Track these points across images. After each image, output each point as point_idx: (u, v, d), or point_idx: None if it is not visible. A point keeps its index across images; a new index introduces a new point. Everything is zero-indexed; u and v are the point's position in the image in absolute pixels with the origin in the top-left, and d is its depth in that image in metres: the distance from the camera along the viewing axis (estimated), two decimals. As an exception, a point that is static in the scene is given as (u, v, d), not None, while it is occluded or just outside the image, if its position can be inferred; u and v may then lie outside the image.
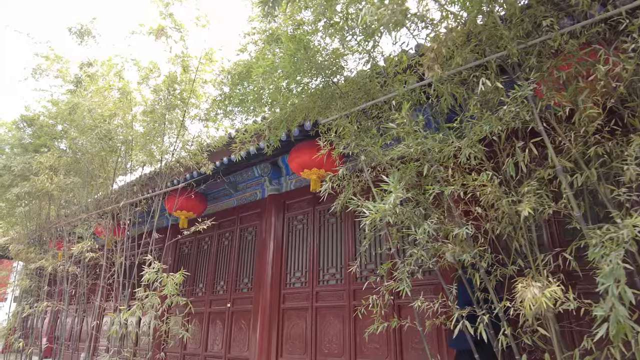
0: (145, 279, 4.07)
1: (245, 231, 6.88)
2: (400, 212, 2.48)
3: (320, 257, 5.60)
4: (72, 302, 6.78)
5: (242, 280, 6.54)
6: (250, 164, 6.21)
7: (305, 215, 6.04)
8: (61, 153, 6.48)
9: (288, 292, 5.76)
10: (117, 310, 5.27)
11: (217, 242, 7.29)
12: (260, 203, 6.68)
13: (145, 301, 4.21)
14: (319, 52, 3.40)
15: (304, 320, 5.41)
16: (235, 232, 7.01)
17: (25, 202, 6.59)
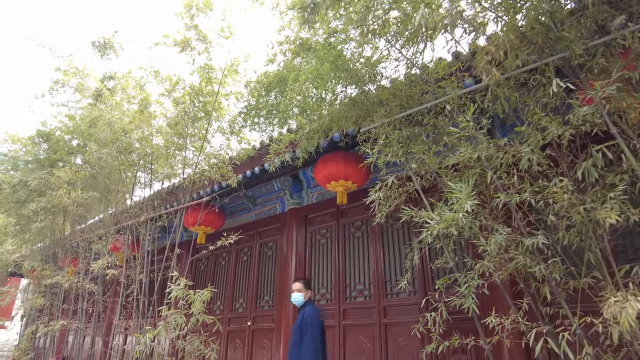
0: (172, 296, 3.90)
1: (265, 246, 6.70)
2: (462, 223, 2.33)
3: (346, 272, 5.41)
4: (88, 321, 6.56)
5: (263, 298, 6.33)
6: (275, 177, 6.08)
7: (328, 229, 5.87)
8: (78, 168, 6.37)
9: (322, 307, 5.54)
10: (139, 329, 5.08)
11: (235, 257, 7.11)
12: (281, 217, 6.52)
13: (170, 320, 4.03)
14: (355, 60, 3.31)
15: (330, 339, 5.19)
16: (254, 247, 6.83)
17: (41, 217, 6.46)
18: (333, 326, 5.24)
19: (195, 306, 3.81)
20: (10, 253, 10.37)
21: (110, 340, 5.57)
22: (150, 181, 5.71)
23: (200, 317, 4.19)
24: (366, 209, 5.49)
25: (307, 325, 3.73)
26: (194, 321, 4.25)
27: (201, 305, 3.85)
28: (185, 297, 3.90)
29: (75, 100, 6.59)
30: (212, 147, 5.43)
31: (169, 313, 4.13)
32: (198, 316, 4.19)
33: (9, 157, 7.86)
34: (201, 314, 4.21)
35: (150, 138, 5.53)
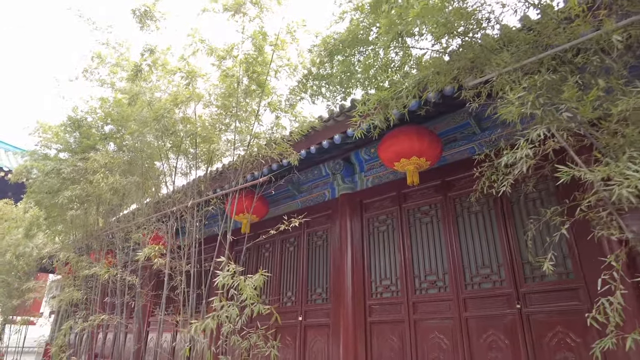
0: (219, 283, 3.41)
1: (313, 235, 6.19)
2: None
3: (413, 262, 4.86)
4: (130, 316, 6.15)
5: (315, 291, 5.82)
6: (325, 159, 5.57)
7: (389, 215, 5.32)
8: (114, 153, 5.95)
9: (375, 304, 5.01)
10: (186, 325, 4.61)
11: (280, 248, 6.62)
12: (331, 204, 6.00)
13: (221, 312, 3.54)
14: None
15: (399, 336, 4.65)
16: (301, 237, 6.32)
17: (76, 205, 6.05)
18: (400, 321, 4.70)
19: (246, 292, 3.31)
20: (40, 248, 10.08)
21: (159, 336, 5.11)
22: (196, 164, 5.24)
23: (254, 307, 3.69)
24: (435, 191, 4.94)
25: None
26: (248, 313, 3.76)
27: (252, 292, 3.35)
28: (236, 284, 3.40)
29: (110, 81, 6.16)
30: (263, 125, 4.92)
31: (221, 304, 3.65)
32: (252, 306, 3.69)
33: (40, 145, 7.49)
34: (255, 303, 3.72)
35: (195, 117, 5.06)
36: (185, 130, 5.19)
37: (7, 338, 10.39)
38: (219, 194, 4.93)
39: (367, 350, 4.84)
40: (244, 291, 3.30)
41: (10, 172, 14.61)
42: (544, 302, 3.79)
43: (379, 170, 5.56)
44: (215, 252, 4.55)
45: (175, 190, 5.23)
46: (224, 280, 3.36)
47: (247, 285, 3.30)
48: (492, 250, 4.32)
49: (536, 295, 3.87)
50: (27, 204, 7.73)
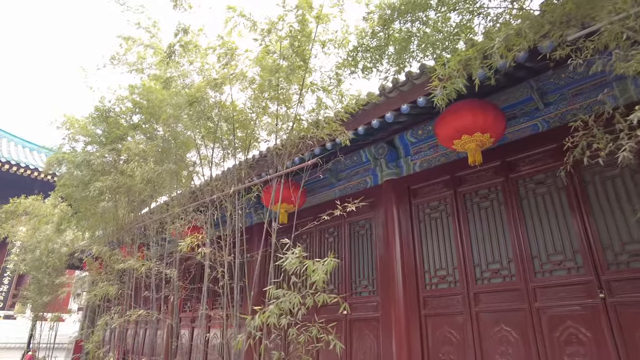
0: (287, 266, 3.12)
1: (355, 225, 5.86)
2: None
3: (472, 250, 4.49)
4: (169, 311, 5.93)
5: (360, 283, 5.49)
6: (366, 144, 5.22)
7: (441, 200, 4.95)
8: (147, 140, 5.71)
9: (430, 295, 4.66)
10: (232, 319, 4.35)
11: (318, 239, 6.31)
12: (373, 191, 5.65)
13: (282, 301, 3.25)
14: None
15: (458, 330, 4.30)
16: (341, 227, 6.00)
17: (108, 196, 5.85)
18: (460, 313, 4.34)
19: (316, 276, 3.01)
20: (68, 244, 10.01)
21: (204, 331, 4.85)
22: (233, 150, 4.96)
23: (318, 297, 3.40)
24: (494, 173, 4.55)
25: None
26: (310, 303, 3.47)
27: (323, 277, 3.04)
28: (304, 268, 3.11)
29: (139, 67, 5.93)
30: (304, 107, 4.60)
31: (280, 293, 3.36)
32: (315, 297, 3.40)
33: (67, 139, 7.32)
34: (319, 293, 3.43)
35: (232, 100, 4.77)
36: (221, 114, 4.91)
37: (39, 334, 10.37)
38: (262, 179, 4.65)
39: (423, 345, 4.50)
40: (314, 275, 2.98)
41: (37, 170, 14.70)
42: (633, 292, 3.39)
43: (428, 153, 5.19)
44: (252, 243, 4.28)
45: (214, 178, 4.96)
46: (291, 264, 3.06)
47: (317, 269, 2.98)
48: (564, 234, 3.92)
49: (623, 284, 3.47)
50: (56, 199, 7.61)
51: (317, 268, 3.04)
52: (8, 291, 15.04)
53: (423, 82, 3.98)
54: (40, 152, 17.55)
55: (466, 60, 2.59)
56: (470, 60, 2.59)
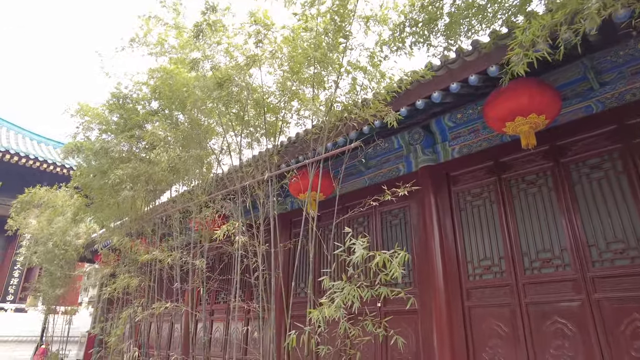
0: (357, 258, 2.91)
1: (387, 214, 5.62)
2: None
3: (520, 238, 4.25)
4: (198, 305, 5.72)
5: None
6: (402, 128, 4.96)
7: (484, 187, 4.71)
8: (171, 126, 5.47)
9: (473, 287, 4.44)
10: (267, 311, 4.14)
11: (333, 231, 6.07)
12: (407, 179, 5.33)
13: (344, 293, 3.04)
14: None
15: (507, 322, 4.07)
16: (372, 217, 5.77)
17: (129, 185, 5.62)
18: (507, 305, 4.12)
19: (394, 271, 2.81)
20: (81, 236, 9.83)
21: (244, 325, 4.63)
22: (265, 135, 4.71)
23: (379, 290, 3.20)
24: (543, 158, 4.31)
25: None
26: (367, 296, 3.26)
27: (399, 270, 2.84)
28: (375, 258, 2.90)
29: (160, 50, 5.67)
30: (340, 88, 4.35)
31: (339, 285, 3.16)
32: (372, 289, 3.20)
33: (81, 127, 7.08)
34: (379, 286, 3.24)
35: (262, 82, 4.52)
36: (251, 97, 4.67)
37: (52, 328, 10.22)
38: (299, 164, 4.41)
39: (467, 339, 4.28)
40: (390, 267, 2.78)
41: (46, 161, 14.50)
42: None
43: (468, 138, 4.94)
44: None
45: (244, 164, 4.72)
46: (358, 254, 2.85)
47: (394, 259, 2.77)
48: (625, 221, 3.67)
49: (696, 273, 3.23)
50: (71, 189, 7.40)
51: (394, 261, 2.83)
52: (19, 284, 14.92)
53: (475, 59, 3.74)
54: (48, 145, 17.37)
55: (551, 25, 2.33)
56: (555, 25, 2.32)
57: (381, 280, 3.14)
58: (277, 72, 4.49)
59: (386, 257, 2.99)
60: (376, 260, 3.00)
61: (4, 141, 14.86)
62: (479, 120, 4.85)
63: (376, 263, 3.08)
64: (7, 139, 15.51)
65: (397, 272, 2.84)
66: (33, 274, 15.33)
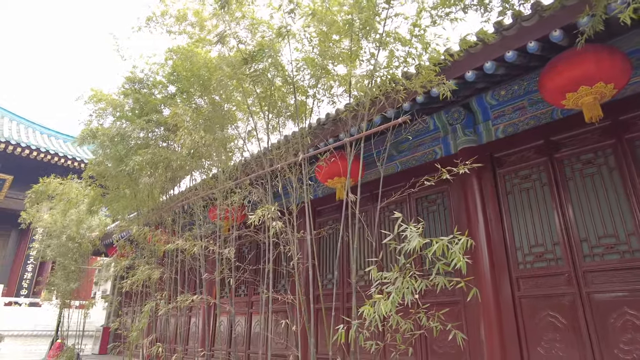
0: (412, 247, 2.60)
1: (424, 200, 5.29)
2: None
3: (578, 222, 3.89)
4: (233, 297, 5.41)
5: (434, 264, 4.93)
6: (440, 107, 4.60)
7: (534, 168, 4.35)
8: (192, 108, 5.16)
9: (525, 275, 4.10)
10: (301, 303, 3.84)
11: (378, 217, 5.75)
12: (445, 162, 5.01)
13: (397, 285, 2.74)
14: None
15: (564, 314, 3.73)
16: (406, 204, 5.43)
17: (149, 172, 5.33)
18: (565, 294, 3.78)
19: (455, 256, 2.49)
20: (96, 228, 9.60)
21: (267, 317, 4.32)
22: (294, 116, 4.39)
23: (437, 279, 2.89)
24: (602, 135, 3.95)
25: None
26: (421, 287, 2.94)
27: (463, 258, 2.53)
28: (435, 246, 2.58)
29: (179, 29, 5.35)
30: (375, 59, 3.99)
31: (391, 276, 2.85)
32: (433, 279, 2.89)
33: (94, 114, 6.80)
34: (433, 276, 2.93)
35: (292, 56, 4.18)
36: (280, 75, 4.34)
37: (67, 322, 10.05)
38: (338, 143, 4.09)
39: (520, 331, 3.95)
40: (450, 256, 2.47)
41: (57, 154, 14.32)
42: None
43: (513, 116, 4.58)
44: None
45: (273, 146, 4.40)
46: (415, 243, 2.54)
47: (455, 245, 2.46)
48: None
49: None
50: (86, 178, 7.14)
51: (453, 249, 2.51)
52: (32, 278, 14.83)
53: (534, 24, 3.36)
54: (58, 138, 17.21)
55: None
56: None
57: (439, 269, 2.81)
58: (309, 44, 4.15)
59: (443, 244, 2.66)
60: (434, 247, 2.67)
61: (15, 134, 14.70)
62: (525, 96, 4.48)
63: (432, 251, 2.77)
64: (18, 132, 15.34)
65: (461, 261, 2.51)
66: (45, 268, 15.23)
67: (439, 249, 2.62)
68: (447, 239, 2.75)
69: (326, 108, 5.00)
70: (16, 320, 11.77)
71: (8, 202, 14.76)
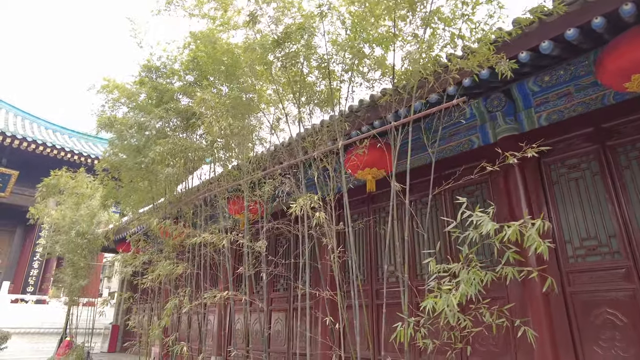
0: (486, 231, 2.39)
1: (461, 192, 5.04)
2: None
3: (635, 213, 3.65)
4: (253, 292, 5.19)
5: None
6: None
7: (583, 157, 4.12)
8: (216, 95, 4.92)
9: (576, 270, 3.87)
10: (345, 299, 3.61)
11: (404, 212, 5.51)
12: (484, 152, 4.81)
13: (469, 276, 2.52)
14: None
15: (625, 310, 3.50)
16: (440, 196, 5.19)
17: (172, 161, 5.09)
18: (624, 290, 3.55)
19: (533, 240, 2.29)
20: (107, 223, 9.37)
21: (304, 316, 4.07)
22: (329, 101, 4.15)
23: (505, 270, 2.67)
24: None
25: None
26: (487, 279, 2.73)
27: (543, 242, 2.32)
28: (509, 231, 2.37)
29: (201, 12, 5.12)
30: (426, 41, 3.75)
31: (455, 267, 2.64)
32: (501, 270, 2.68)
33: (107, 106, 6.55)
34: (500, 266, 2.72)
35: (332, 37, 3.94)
36: (314, 57, 4.10)
37: (76, 319, 9.82)
38: (382, 129, 3.85)
39: (573, 330, 3.72)
40: (530, 242, 2.26)
41: (63, 149, 14.07)
42: None
43: (558, 103, 4.34)
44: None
45: (306, 133, 4.17)
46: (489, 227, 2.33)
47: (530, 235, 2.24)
48: None
49: None
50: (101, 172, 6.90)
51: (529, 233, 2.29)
52: (38, 275, 14.60)
53: (601, -3, 3.12)
54: (63, 134, 16.98)
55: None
56: None
57: (509, 258, 2.59)
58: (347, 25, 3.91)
59: (515, 229, 2.44)
60: (508, 232, 2.45)
61: (20, 129, 14.45)
62: (572, 82, 4.24)
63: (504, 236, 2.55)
64: (23, 127, 15.10)
65: (542, 246, 2.28)
66: (51, 265, 15.00)
67: (513, 234, 2.40)
68: (518, 224, 2.53)
69: (359, 95, 4.77)
70: (23, 317, 11.54)
71: (14, 198, 14.52)
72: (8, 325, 10.59)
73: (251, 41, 4.37)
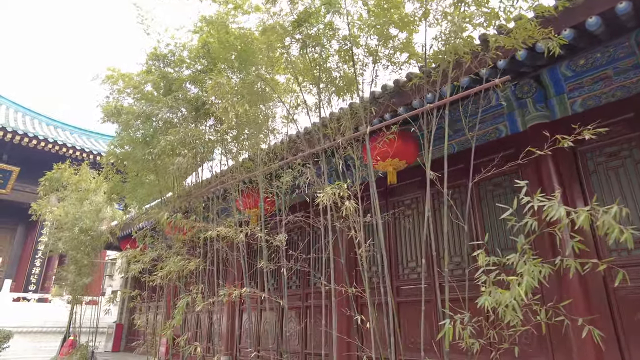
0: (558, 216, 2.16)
1: (488, 184, 4.79)
2: None
3: (686, 204, 3.41)
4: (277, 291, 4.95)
5: (500, 254, 4.45)
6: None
7: (623, 144, 3.87)
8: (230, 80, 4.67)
9: (620, 266, 3.60)
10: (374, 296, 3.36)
11: (430, 205, 5.26)
12: (512, 141, 4.58)
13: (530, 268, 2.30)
14: None
15: (674, 309, 3.26)
16: (464, 188, 4.94)
17: (184, 151, 4.84)
18: (672, 288, 3.29)
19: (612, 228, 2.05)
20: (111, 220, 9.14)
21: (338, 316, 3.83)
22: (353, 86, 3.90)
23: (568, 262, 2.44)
24: None
25: None
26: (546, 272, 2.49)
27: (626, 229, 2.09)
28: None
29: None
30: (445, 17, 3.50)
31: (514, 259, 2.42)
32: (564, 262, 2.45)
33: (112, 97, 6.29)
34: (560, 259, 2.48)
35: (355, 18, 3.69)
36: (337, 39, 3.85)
37: (79, 318, 9.59)
38: (413, 112, 3.60)
39: (617, 330, 3.49)
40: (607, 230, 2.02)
41: (65, 145, 13.83)
42: None
43: (594, 88, 4.09)
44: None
45: (329, 119, 3.92)
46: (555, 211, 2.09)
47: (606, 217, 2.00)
48: None
49: None
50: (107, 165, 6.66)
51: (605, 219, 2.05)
52: (40, 273, 14.37)
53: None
54: (65, 130, 16.73)
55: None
56: None
57: (574, 248, 2.36)
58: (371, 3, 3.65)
59: (587, 215, 2.19)
60: (581, 218, 2.20)
61: (21, 125, 14.20)
62: (610, 65, 4.00)
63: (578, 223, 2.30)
64: (24, 123, 14.85)
65: (626, 234, 2.04)
66: (53, 262, 14.76)
67: (585, 221, 2.16)
68: (587, 209, 2.29)
69: (382, 80, 4.51)
70: (25, 316, 11.30)
71: (15, 194, 14.28)
72: (10, 325, 10.36)
73: (268, 23, 4.11)
